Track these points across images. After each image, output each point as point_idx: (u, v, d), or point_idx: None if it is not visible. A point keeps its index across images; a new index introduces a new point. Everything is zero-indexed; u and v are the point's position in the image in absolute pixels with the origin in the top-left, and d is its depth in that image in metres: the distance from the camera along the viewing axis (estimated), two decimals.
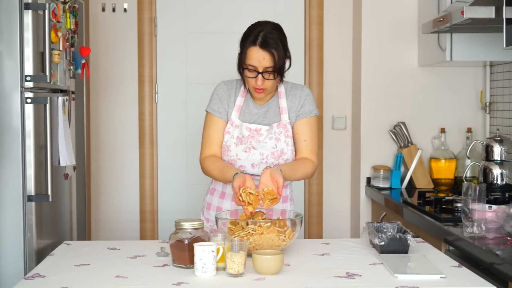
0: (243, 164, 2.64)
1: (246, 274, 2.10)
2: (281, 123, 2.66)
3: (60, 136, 3.05)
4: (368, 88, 4.05)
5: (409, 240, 2.33)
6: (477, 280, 2.06)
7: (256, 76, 2.55)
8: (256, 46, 2.53)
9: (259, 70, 2.54)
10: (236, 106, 2.67)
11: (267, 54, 2.52)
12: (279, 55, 2.53)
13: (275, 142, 2.63)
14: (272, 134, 2.64)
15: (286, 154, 2.64)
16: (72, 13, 3.26)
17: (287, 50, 2.61)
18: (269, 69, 2.54)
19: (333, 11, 4.28)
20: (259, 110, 2.68)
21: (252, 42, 2.54)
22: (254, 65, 2.55)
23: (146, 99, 4.29)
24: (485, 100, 3.95)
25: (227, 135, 2.66)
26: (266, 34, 2.54)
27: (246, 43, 2.56)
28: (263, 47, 2.53)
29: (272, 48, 2.53)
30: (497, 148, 3.30)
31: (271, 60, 2.53)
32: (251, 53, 2.54)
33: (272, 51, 2.52)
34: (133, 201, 4.32)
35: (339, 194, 4.33)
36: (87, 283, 2.05)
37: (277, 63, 2.53)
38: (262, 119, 2.67)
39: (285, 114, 2.67)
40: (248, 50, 2.55)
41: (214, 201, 2.74)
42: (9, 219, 2.83)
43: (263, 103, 2.69)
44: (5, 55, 2.81)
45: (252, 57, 2.54)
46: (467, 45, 3.47)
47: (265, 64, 2.54)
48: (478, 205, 2.60)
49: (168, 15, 4.29)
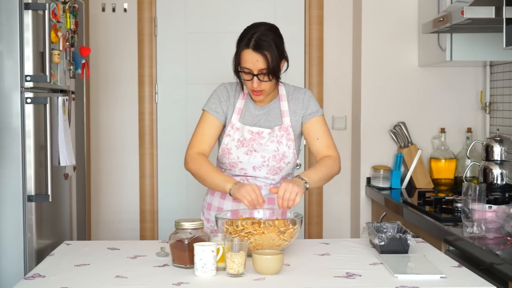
0: (244, 167, 2.64)
1: (246, 274, 2.10)
2: (283, 126, 2.66)
3: (60, 136, 3.05)
4: (368, 88, 4.05)
5: (409, 240, 2.33)
6: (477, 280, 2.06)
7: (251, 78, 2.55)
8: (249, 49, 2.53)
9: (254, 72, 2.54)
10: (237, 109, 2.67)
11: (260, 56, 2.52)
12: (272, 57, 2.52)
13: (277, 145, 2.63)
14: (273, 137, 2.64)
15: (287, 157, 2.64)
16: (72, 13, 3.26)
17: (283, 51, 2.59)
18: (263, 71, 2.54)
19: (333, 11, 4.28)
20: (259, 112, 2.68)
21: (246, 45, 2.54)
22: (248, 68, 2.54)
23: (146, 99, 4.29)
24: (485, 100, 3.95)
25: (228, 137, 2.65)
26: (259, 36, 2.53)
27: (240, 46, 2.57)
28: (256, 49, 2.52)
29: (265, 50, 2.52)
30: (497, 148, 3.30)
31: (264, 62, 2.52)
32: (245, 56, 2.54)
33: (265, 53, 2.52)
34: (133, 201, 4.32)
35: (339, 194, 4.33)
36: (87, 283, 2.05)
37: (270, 65, 2.52)
38: (264, 122, 2.67)
39: (286, 118, 2.67)
40: (242, 53, 2.55)
41: (214, 202, 2.74)
42: (9, 219, 2.83)
43: (264, 105, 2.69)
44: (5, 55, 2.81)
45: (246, 60, 2.54)
46: (467, 45, 3.47)
47: (259, 66, 2.53)
48: (478, 205, 2.60)
49: (168, 15, 4.29)
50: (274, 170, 2.65)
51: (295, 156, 2.67)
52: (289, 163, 2.65)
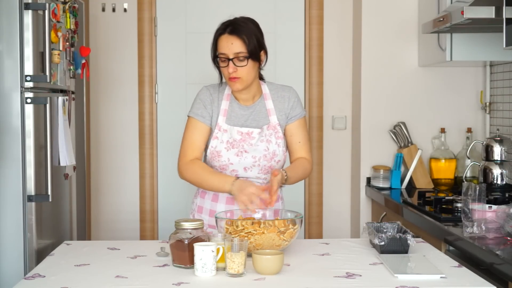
0: (235, 168, 2.63)
1: (246, 274, 2.10)
2: (271, 125, 2.65)
3: (60, 136, 3.05)
4: (368, 88, 4.05)
5: (409, 240, 2.33)
6: (477, 280, 2.06)
7: (227, 65, 2.55)
8: (225, 34, 2.55)
9: (230, 56, 2.54)
10: (222, 111, 2.65)
11: (236, 39, 2.53)
12: (250, 40, 2.53)
13: (267, 144, 2.63)
14: (263, 137, 2.63)
15: (278, 155, 2.64)
16: (72, 13, 3.26)
17: (261, 42, 2.59)
18: (240, 54, 2.53)
19: (333, 11, 4.28)
20: (245, 112, 2.67)
21: (222, 30, 2.57)
22: (224, 53, 2.55)
23: (146, 99, 4.29)
24: (485, 100, 3.95)
25: (215, 140, 2.63)
26: (236, 22, 2.56)
27: (216, 33, 2.59)
28: (232, 33, 2.54)
29: (242, 33, 2.53)
30: (497, 148, 3.30)
31: (241, 45, 2.52)
32: (221, 42, 2.56)
33: (242, 36, 2.53)
34: (133, 201, 4.32)
35: (339, 194, 4.33)
36: (87, 283, 2.05)
37: (248, 47, 2.52)
38: (251, 122, 2.66)
39: (273, 116, 2.67)
40: (218, 40, 2.57)
41: (206, 204, 2.72)
42: (9, 219, 2.83)
43: (249, 104, 2.68)
44: (5, 55, 2.81)
45: (221, 46, 2.56)
46: (467, 45, 3.47)
47: (234, 49, 2.53)
48: (478, 205, 2.60)
49: (168, 15, 4.29)
50: (265, 170, 2.64)
51: (285, 153, 2.68)
52: (280, 161, 2.66)
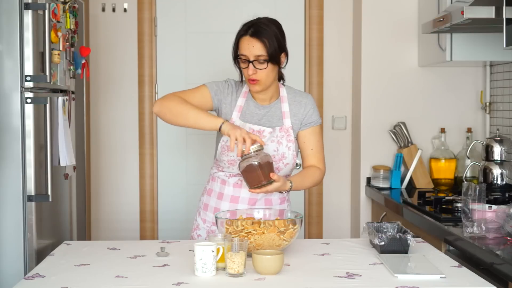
0: None
1: (246, 274, 2.10)
2: (283, 127, 2.65)
3: (60, 136, 3.05)
4: (368, 88, 4.05)
5: (409, 240, 2.33)
6: (477, 280, 2.06)
7: (247, 66, 2.56)
8: (247, 36, 2.55)
9: (250, 59, 2.54)
10: (237, 107, 2.67)
11: (257, 42, 2.53)
12: (270, 43, 2.53)
13: (277, 145, 2.63)
14: (274, 137, 2.63)
15: (287, 158, 2.64)
16: (72, 13, 3.26)
17: (283, 44, 2.59)
18: (260, 57, 2.54)
19: (333, 11, 4.28)
20: (260, 111, 2.68)
21: (244, 32, 2.57)
22: (245, 54, 2.55)
23: (146, 99, 4.29)
24: (485, 100, 3.95)
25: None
26: (258, 25, 2.56)
27: (238, 34, 2.59)
28: (253, 35, 2.54)
29: (263, 36, 2.53)
30: (497, 148, 3.30)
31: (262, 48, 2.52)
32: (242, 43, 2.56)
33: (263, 39, 2.53)
34: (133, 201, 4.32)
35: (339, 194, 4.33)
36: (87, 283, 2.05)
37: (269, 51, 2.53)
38: (265, 122, 2.66)
39: (287, 119, 2.67)
40: (240, 41, 2.57)
41: (211, 202, 2.73)
42: (9, 219, 2.83)
43: (265, 104, 2.69)
44: (5, 55, 2.81)
45: (243, 47, 2.56)
46: (467, 45, 3.47)
47: (255, 52, 2.53)
48: (478, 205, 2.60)
49: (168, 15, 4.29)
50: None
51: (294, 158, 2.67)
52: (288, 164, 2.65)
